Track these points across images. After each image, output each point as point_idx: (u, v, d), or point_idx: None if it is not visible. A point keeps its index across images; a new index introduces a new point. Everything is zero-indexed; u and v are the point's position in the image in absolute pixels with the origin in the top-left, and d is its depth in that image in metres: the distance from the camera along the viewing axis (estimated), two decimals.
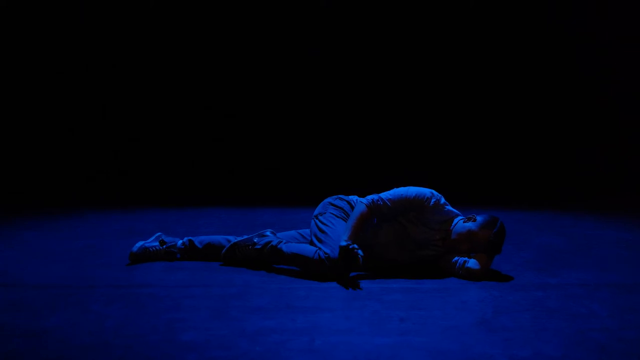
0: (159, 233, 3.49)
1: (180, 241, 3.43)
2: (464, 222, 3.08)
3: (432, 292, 2.82)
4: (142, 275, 3.10)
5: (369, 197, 3.13)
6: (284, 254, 3.13)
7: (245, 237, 3.30)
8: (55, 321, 2.42)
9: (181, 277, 3.07)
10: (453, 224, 3.10)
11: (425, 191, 3.11)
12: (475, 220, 3.05)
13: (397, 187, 3.17)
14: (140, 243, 3.38)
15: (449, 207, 3.15)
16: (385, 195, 3.12)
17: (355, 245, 2.89)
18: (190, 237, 3.44)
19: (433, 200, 3.09)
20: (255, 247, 3.21)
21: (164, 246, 3.40)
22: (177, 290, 2.85)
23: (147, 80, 6.65)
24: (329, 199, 3.35)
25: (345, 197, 3.35)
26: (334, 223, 3.16)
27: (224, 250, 3.28)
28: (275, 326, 2.37)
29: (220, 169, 6.63)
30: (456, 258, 3.07)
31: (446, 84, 6.73)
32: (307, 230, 3.35)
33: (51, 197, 5.78)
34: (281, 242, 3.18)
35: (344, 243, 2.92)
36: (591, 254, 3.62)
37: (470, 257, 3.07)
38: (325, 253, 2.99)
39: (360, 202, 3.11)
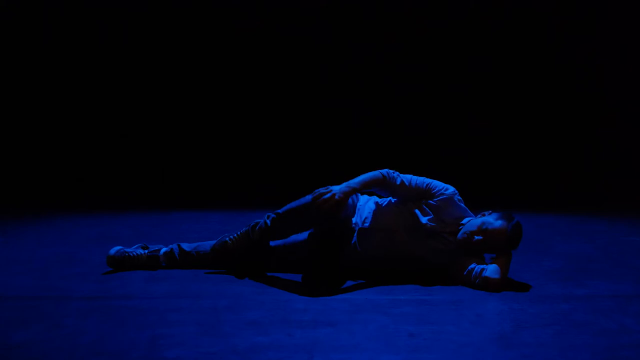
0: (140, 244, 3.48)
1: (165, 248, 3.43)
2: (476, 217, 3.17)
3: (445, 304, 2.83)
4: (121, 286, 3.09)
5: (385, 169, 3.23)
6: (279, 218, 3.14)
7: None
8: (23, 337, 2.41)
9: (166, 287, 3.07)
10: (465, 221, 3.18)
11: (443, 183, 3.27)
12: (489, 214, 3.13)
13: None
14: (118, 247, 3.37)
15: (464, 206, 3.25)
16: (402, 175, 3.24)
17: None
18: (177, 243, 3.44)
19: (450, 190, 3.23)
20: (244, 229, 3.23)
21: (146, 251, 3.39)
22: (161, 302, 2.84)
23: (141, 80, 6.75)
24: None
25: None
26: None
27: (215, 242, 3.27)
28: (271, 342, 2.37)
29: (218, 170, 6.65)
30: (472, 265, 3.08)
31: (447, 84, 6.82)
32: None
33: (35, 200, 5.80)
34: (271, 215, 3.20)
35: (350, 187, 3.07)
36: (622, 263, 3.62)
37: (486, 264, 3.09)
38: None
39: (377, 171, 3.21)
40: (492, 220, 3.07)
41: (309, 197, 3.11)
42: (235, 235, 3.24)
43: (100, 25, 6.64)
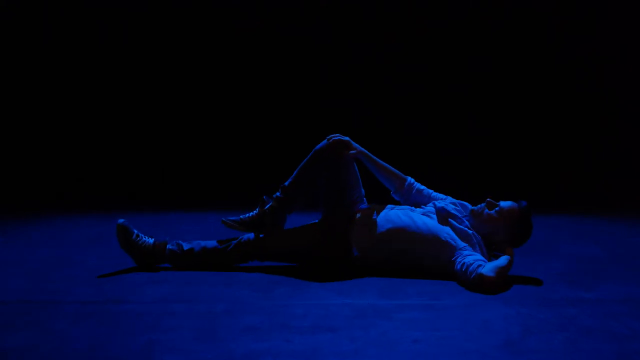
0: None
1: (169, 245, 3.35)
2: None
3: (450, 309, 2.73)
4: (115, 289, 3.01)
5: (412, 178, 3.50)
6: (294, 178, 3.47)
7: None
8: (13, 343, 2.33)
9: (161, 291, 2.98)
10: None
11: None
12: None
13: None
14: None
15: None
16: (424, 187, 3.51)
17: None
18: (180, 241, 3.38)
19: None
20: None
21: (153, 239, 3.32)
22: (156, 306, 2.76)
23: (141, 80, 6.78)
24: None
25: None
26: None
27: (228, 219, 3.32)
28: (269, 348, 2.28)
29: (217, 170, 6.64)
30: (471, 260, 2.98)
31: (447, 84, 6.82)
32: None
33: (35, 200, 5.78)
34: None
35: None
36: (630, 265, 3.54)
37: (489, 261, 3.04)
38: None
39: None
40: (503, 203, 3.25)
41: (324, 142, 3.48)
42: (250, 214, 3.37)
43: (100, 25, 6.62)
